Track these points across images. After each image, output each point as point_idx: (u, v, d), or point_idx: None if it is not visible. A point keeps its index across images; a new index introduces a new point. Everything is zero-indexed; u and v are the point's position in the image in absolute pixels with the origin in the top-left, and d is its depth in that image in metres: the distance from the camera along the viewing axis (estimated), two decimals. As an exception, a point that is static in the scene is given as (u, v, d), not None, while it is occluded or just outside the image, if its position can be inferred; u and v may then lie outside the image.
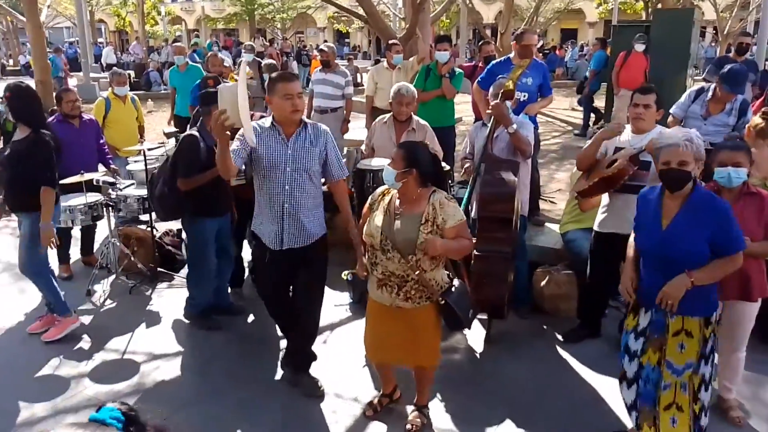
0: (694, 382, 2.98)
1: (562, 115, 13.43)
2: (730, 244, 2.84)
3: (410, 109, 4.91)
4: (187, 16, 48.66)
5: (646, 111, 3.87)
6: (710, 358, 2.99)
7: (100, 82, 18.18)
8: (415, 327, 3.24)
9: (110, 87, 6.88)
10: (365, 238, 3.24)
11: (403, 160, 3.09)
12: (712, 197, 2.92)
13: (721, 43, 24.60)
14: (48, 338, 4.46)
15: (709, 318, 2.95)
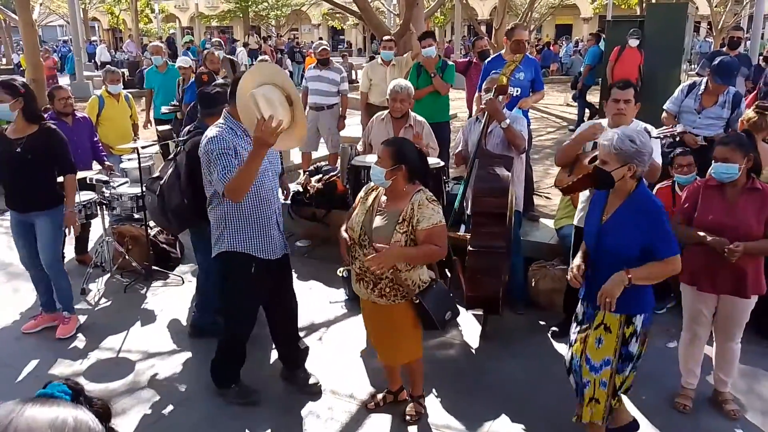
0: (615, 381, 2.99)
1: (556, 111, 13.44)
2: (659, 248, 2.84)
3: (405, 106, 4.90)
4: (180, 14, 48.46)
5: (627, 106, 3.84)
6: (631, 362, 2.98)
7: (94, 80, 18.11)
8: (392, 323, 3.26)
9: (104, 85, 6.85)
10: (347, 231, 3.26)
11: (390, 158, 3.08)
12: (648, 199, 2.93)
13: (715, 37, 24.63)
14: (62, 335, 4.48)
15: (632, 318, 2.94)
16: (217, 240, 3.50)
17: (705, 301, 3.47)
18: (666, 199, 4.71)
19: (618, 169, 2.84)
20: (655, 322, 4.55)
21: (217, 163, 3.24)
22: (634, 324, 2.95)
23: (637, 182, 2.90)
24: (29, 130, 4.20)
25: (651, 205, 2.89)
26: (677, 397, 3.63)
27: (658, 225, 2.84)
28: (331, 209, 6.18)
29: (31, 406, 0.90)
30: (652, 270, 2.86)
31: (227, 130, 3.36)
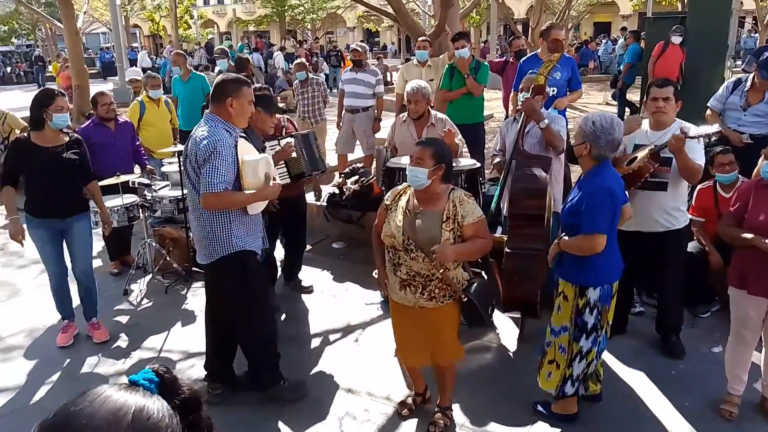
0: (573, 348, 3.29)
1: (595, 110, 13.21)
2: (583, 223, 3.11)
3: (420, 107, 4.87)
4: (218, 19, 49.34)
5: (667, 104, 3.76)
6: (591, 335, 3.24)
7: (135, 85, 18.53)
8: (437, 326, 3.23)
9: (144, 90, 7.00)
10: (385, 239, 3.17)
11: (432, 158, 3.06)
12: (594, 177, 3.16)
13: (761, 32, 23.89)
14: (102, 339, 4.56)
15: (585, 290, 3.20)
16: (224, 242, 3.42)
17: (755, 305, 3.35)
18: (708, 200, 4.60)
19: (578, 146, 3.20)
20: (699, 326, 4.47)
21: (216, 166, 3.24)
22: (586, 296, 3.20)
23: (596, 164, 3.16)
24: (61, 138, 4.29)
25: (591, 182, 3.16)
26: (722, 404, 3.53)
27: (587, 200, 3.10)
28: (366, 211, 6.19)
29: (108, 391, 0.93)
30: (576, 242, 3.16)
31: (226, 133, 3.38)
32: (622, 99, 11.35)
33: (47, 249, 4.41)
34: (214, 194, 3.24)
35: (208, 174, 3.23)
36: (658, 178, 3.75)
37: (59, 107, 4.15)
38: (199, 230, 3.49)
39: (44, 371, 4.22)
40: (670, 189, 3.81)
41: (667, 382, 3.82)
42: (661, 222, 3.87)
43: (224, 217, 3.39)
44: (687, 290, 4.39)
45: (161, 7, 35.01)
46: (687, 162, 3.63)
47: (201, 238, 3.49)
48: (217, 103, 3.40)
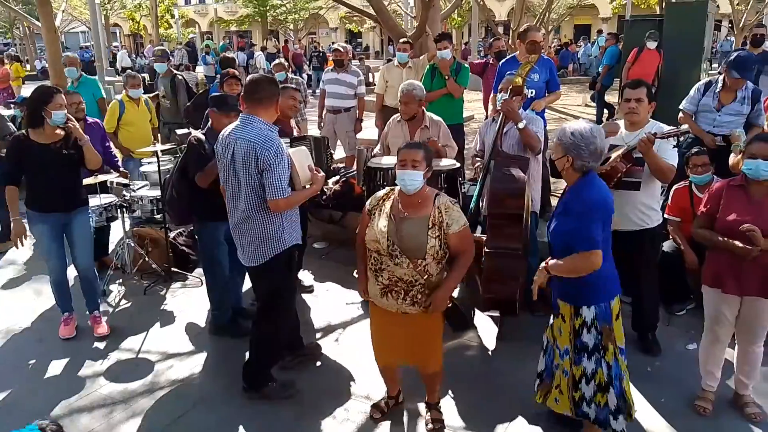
0: (574, 373, 3.11)
1: (575, 111, 13.34)
2: (577, 240, 2.92)
3: (411, 108, 4.89)
4: (200, 19, 49.02)
5: (639, 105, 3.82)
6: (593, 355, 3.06)
7: (115, 85, 18.34)
8: (421, 331, 3.23)
9: (124, 90, 6.94)
10: (369, 243, 3.14)
11: (424, 161, 3.08)
12: (581, 190, 2.99)
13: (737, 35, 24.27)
14: (104, 333, 4.61)
15: (579, 309, 3.05)
16: (278, 240, 3.50)
17: (728, 303, 3.41)
18: (683, 200, 4.67)
19: (559, 159, 3.03)
20: (675, 324, 4.54)
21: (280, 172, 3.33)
22: (582, 316, 3.05)
23: (581, 176, 3.00)
24: (58, 134, 4.32)
25: (580, 197, 2.98)
26: (697, 400, 3.59)
27: (578, 216, 2.93)
28: (348, 211, 6.20)
29: None
30: (570, 263, 2.96)
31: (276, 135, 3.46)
32: (601, 101, 11.47)
33: (49, 243, 4.46)
34: (285, 199, 3.37)
35: (277, 180, 3.32)
36: (631, 178, 3.81)
37: (58, 105, 4.21)
38: (247, 232, 3.50)
39: (21, 372, 4.17)
40: (644, 188, 3.86)
41: (643, 379, 3.87)
42: (634, 221, 3.92)
43: (276, 217, 3.46)
44: (663, 289, 4.46)
45: (142, 6, 34.72)
46: (657, 162, 3.70)
47: (250, 240, 3.51)
48: (263, 104, 3.43)
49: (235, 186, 3.47)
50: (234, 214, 3.55)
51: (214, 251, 4.46)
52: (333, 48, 7.83)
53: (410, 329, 3.22)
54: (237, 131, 3.44)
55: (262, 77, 3.55)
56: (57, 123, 4.24)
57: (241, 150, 3.36)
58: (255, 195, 3.41)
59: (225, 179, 3.55)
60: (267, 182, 3.32)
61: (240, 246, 3.61)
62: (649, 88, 3.89)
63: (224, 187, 3.60)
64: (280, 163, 3.33)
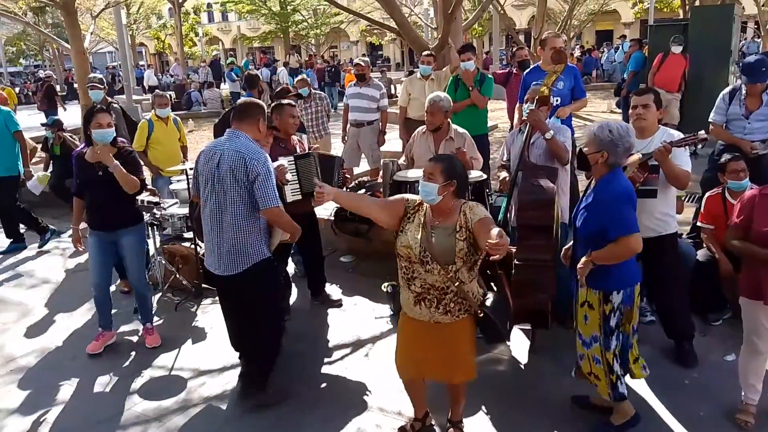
0: (608, 358, 3.29)
1: (600, 118, 13.19)
2: (611, 228, 3.11)
3: (436, 119, 4.88)
4: (223, 36, 49.76)
5: (646, 111, 3.81)
6: (614, 333, 3.28)
7: (143, 104, 18.67)
8: (453, 342, 3.19)
9: (153, 109, 7.06)
10: (401, 250, 3.15)
11: (442, 174, 3.07)
12: (610, 182, 3.18)
13: (764, 37, 23.88)
14: (154, 344, 4.74)
15: (609, 295, 3.22)
16: (257, 250, 3.66)
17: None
18: (717, 207, 4.59)
19: (593, 154, 3.20)
20: (711, 334, 4.44)
21: (271, 181, 3.53)
22: (611, 301, 3.23)
23: (610, 170, 3.19)
24: (110, 152, 4.40)
25: (609, 188, 3.18)
26: (738, 413, 3.49)
27: (608, 207, 3.13)
28: (374, 224, 6.19)
29: None
30: (611, 251, 3.14)
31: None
32: (627, 107, 11.34)
33: (94, 258, 4.62)
34: (279, 208, 3.57)
35: (269, 188, 3.51)
36: (648, 186, 3.82)
37: (98, 124, 4.34)
38: (229, 241, 3.61)
39: (56, 391, 4.22)
40: (660, 195, 3.87)
41: (681, 391, 3.80)
42: (653, 228, 3.89)
43: (257, 227, 3.63)
44: (698, 298, 4.38)
45: (167, 26, 35.39)
46: (674, 169, 3.71)
47: (231, 249, 3.62)
48: (246, 122, 3.67)
49: (220, 195, 3.59)
50: (215, 222, 3.66)
51: None
52: (354, 63, 7.88)
53: (441, 339, 3.19)
54: (224, 143, 3.62)
55: (249, 101, 3.83)
56: (100, 141, 4.36)
57: (229, 160, 3.52)
58: (242, 204, 3.55)
59: (206, 189, 3.68)
60: (259, 192, 3.49)
61: (218, 254, 3.68)
62: (657, 95, 3.91)
63: (200, 197, 3.78)
64: (269, 173, 3.52)
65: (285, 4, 33.94)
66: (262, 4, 33.69)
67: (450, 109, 5.00)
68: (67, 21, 13.00)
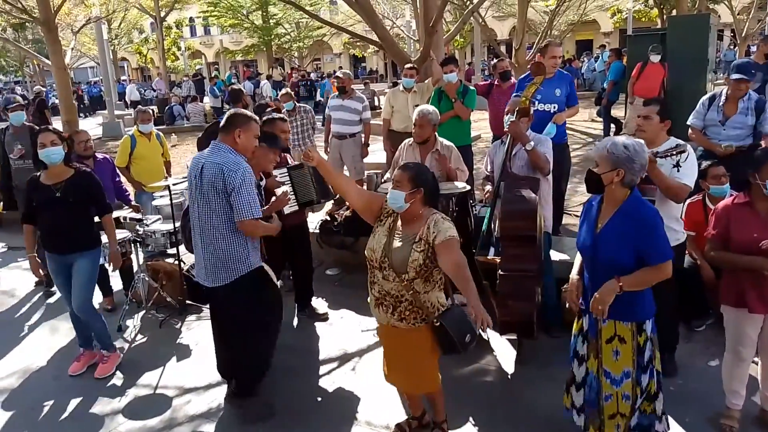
0: (636, 392, 3.02)
1: (581, 127, 13.34)
2: (650, 254, 2.86)
3: (425, 132, 4.90)
4: (206, 50, 49.69)
5: (646, 122, 3.80)
6: (648, 368, 3.03)
7: (125, 119, 18.58)
8: (412, 350, 3.21)
9: (135, 124, 7.02)
10: (366, 252, 3.21)
11: (410, 182, 3.09)
12: (641, 205, 2.92)
13: (740, 45, 24.30)
14: (101, 375, 4.54)
15: (642, 325, 2.99)
16: (242, 261, 3.66)
17: (752, 323, 3.35)
18: (697, 214, 4.64)
19: (607, 173, 2.90)
20: (695, 340, 4.48)
21: (249, 192, 3.53)
22: (645, 331, 3.01)
23: (630, 191, 2.93)
24: (66, 174, 4.33)
25: (642, 211, 2.90)
26: (722, 418, 3.52)
27: (648, 231, 2.86)
28: (359, 236, 6.20)
29: None
30: (643, 277, 2.89)
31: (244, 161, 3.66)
32: (607, 116, 11.50)
33: (57, 280, 4.55)
34: (252, 221, 3.55)
35: (245, 201, 3.51)
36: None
37: (41, 144, 4.25)
38: (213, 253, 3.64)
39: (39, 412, 4.16)
40: (659, 207, 3.80)
41: (666, 397, 3.80)
42: None
43: (242, 239, 3.63)
44: (681, 304, 4.40)
45: (148, 40, 35.26)
46: (665, 181, 3.64)
47: (216, 261, 3.64)
48: (227, 131, 3.66)
49: (203, 207, 3.62)
50: (200, 233, 3.68)
51: None
52: (335, 75, 7.90)
53: (401, 344, 3.24)
54: (206, 156, 3.65)
55: (233, 113, 3.77)
56: (46, 161, 4.28)
57: (209, 172, 3.55)
58: (224, 215, 3.57)
59: (192, 201, 3.72)
60: (235, 203, 3.51)
61: (203, 266, 3.72)
62: (662, 107, 3.83)
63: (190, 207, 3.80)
64: (246, 186, 3.52)
65: (267, 18, 33.98)
66: (245, 18, 33.70)
67: (438, 122, 5.03)
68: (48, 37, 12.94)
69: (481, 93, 7.10)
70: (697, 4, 20.81)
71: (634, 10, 28.22)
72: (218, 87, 21.22)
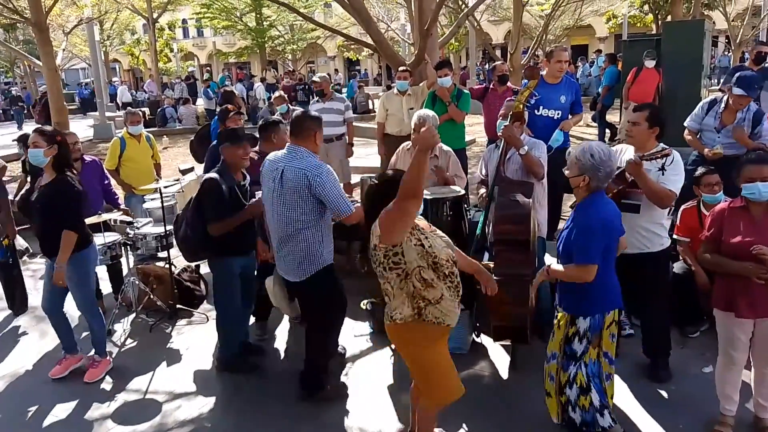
0: (560, 378, 3.36)
1: (576, 132, 13.33)
2: (574, 252, 3.17)
3: None
4: (199, 52, 49.58)
5: (634, 128, 3.78)
6: (579, 362, 3.30)
7: (116, 121, 18.48)
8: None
9: (125, 126, 6.96)
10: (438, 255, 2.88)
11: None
12: (588, 207, 3.20)
13: (734, 51, 24.43)
14: (90, 379, 4.48)
15: (575, 319, 3.26)
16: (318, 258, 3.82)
17: (742, 327, 3.35)
18: (692, 220, 4.63)
19: (574, 177, 3.22)
20: (689, 346, 4.46)
21: (337, 188, 3.76)
22: (576, 325, 3.27)
23: (590, 193, 3.20)
24: (49, 179, 4.25)
25: (583, 212, 3.21)
26: (716, 425, 3.50)
27: (579, 230, 3.17)
28: (352, 241, 6.16)
29: None
30: (566, 271, 3.24)
31: None
32: (602, 121, 11.51)
33: (44, 284, 4.53)
34: (355, 213, 3.71)
35: (338, 198, 3.71)
36: (631, 200, 3.75)
37: (31, 142, 4.25)
38: (294, 250, 3.81)
39: (26, 416, 4.10)
40: (644, 211, 3.78)
41: (660, 403, 3.81)
42: (635, 244, 3.79)
43: (317, 237, 3.80)
44: (675, 311, 4.39)
45: (141, 42, 35.12)
46: (650, 185, 3.63)
47: (295, 256, 3.82)
48: (303, 136, 3.83)
49: (282, 208, 3.76)
50: (279, 233, 3.83)
51: (230, 286, 4.39)
52: (312, 80, 7.91)
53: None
54: (284, 160, 3.79)
55: (304, 115, 3.96)
56: (33, 162, 4.30)
57: (292, 177, 3.70)
58: (303, 215, 3.74)
59: (269, 202, 3.87)
60: (331, 204, 3.70)
61: (284, 263, 3.90)
62: (653, 113, 3.79)
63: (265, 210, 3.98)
64: (333, 184, 3.73)
65: (261, 20, 33.88)
66: (238, 20, 33.60)
67: (437, 127, 5.00)
68: (39, 38, 12.85)
69: (477, 97, 7.10)
70: (692, 10, 20.89)
71: (630, 16, 28.40)
72: (212, 89, 21.13)
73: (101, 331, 4.61)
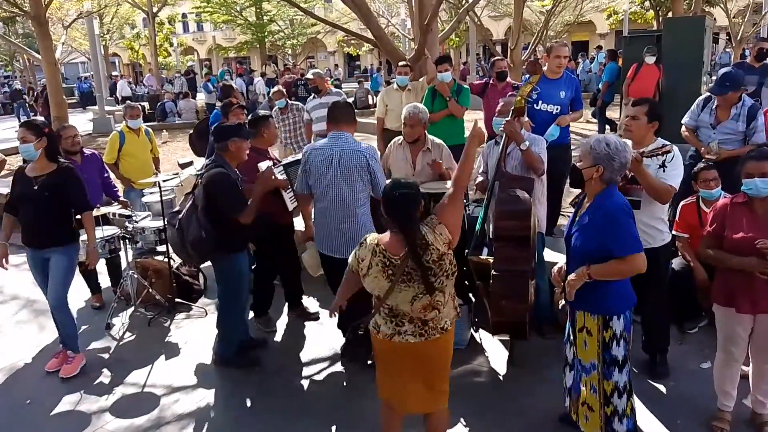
0: (605, 388, 3.10)
1: (576, 128, 13.32)
2: (613, 246, 2.94)
3: (416, 131, 4.86)
4: (199, 46, 49.49)
5: (633, 123, 3.75)
6: (624, 367, 3.10)
7: (116, 115, 18.44)
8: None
9: (124, 120, 6.94)
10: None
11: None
12: (609, 198, 3.03)
13: (735, 48, 24.41)
14: (66, 375, 4.46)
15: (608, 321, 3.05)
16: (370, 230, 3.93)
17: (742, 323, 3.34)
18: (691, 216, 4.62)
19: (588, 168, 3.04)
20: (687, 342, 4.46)
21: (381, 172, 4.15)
22: (611, 328, 3.06)
23: (606, 186, 3.05)
24: (48, 169, 4.29)
25: (608, 204, 3.00)
26: (714, 420, 3.51)
27: (611, 223, 2.95)
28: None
29: None
30: (611, 268, 2.97)
31: None
32: (602, 117, 11.50)
33: (35, 277, 4.52)
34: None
35: (384, 176, 4.16)
36: (631, 196, 3.73)
37: (20, 138, 4.27)
38: (355, 226, 4.11)
39: (25, 410, 4.11)
40: (644, 207, 3.75)
41: (658, 399, 3.80)
42: None
43: (368, 213, 4.18)
44: (674, 307, 4.38)
45: (140, 36, 35.03)
46: (649, 181, 3.60)
47: (355, 232, 4.05)
48: (343, 122, 4.20)
49: (344, 189, 4.08)
50: (337, 213, 4.12)
51: (239, 283, 4.39)
52: (306, 77, 7.90)
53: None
54: (336, 145, 4.10)
55: (340, 102, 4.38)
56: (23, 156, 4.36)
57: (351, 158, 4.04)
58: (361, 192, 4.10)
59: (322, 186, 4.13)
60: (378, 181, 4.06)
61: (341, 241, 4.14)
62: (652, 107, 3.76)
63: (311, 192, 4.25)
64: (379, 166, 4.18)
65: (261, 15, 33.83)
66: (238, 14, 33.54)
67: (428, 121, 4.99)
68: (39, 32, 12.81)
69: (476, 92, 7.07)
70: (692, 7, 20.86)
71: (630, 12, 28.33)
72: (212, 83, 21.09)
73: (73, 327, 4.58)
